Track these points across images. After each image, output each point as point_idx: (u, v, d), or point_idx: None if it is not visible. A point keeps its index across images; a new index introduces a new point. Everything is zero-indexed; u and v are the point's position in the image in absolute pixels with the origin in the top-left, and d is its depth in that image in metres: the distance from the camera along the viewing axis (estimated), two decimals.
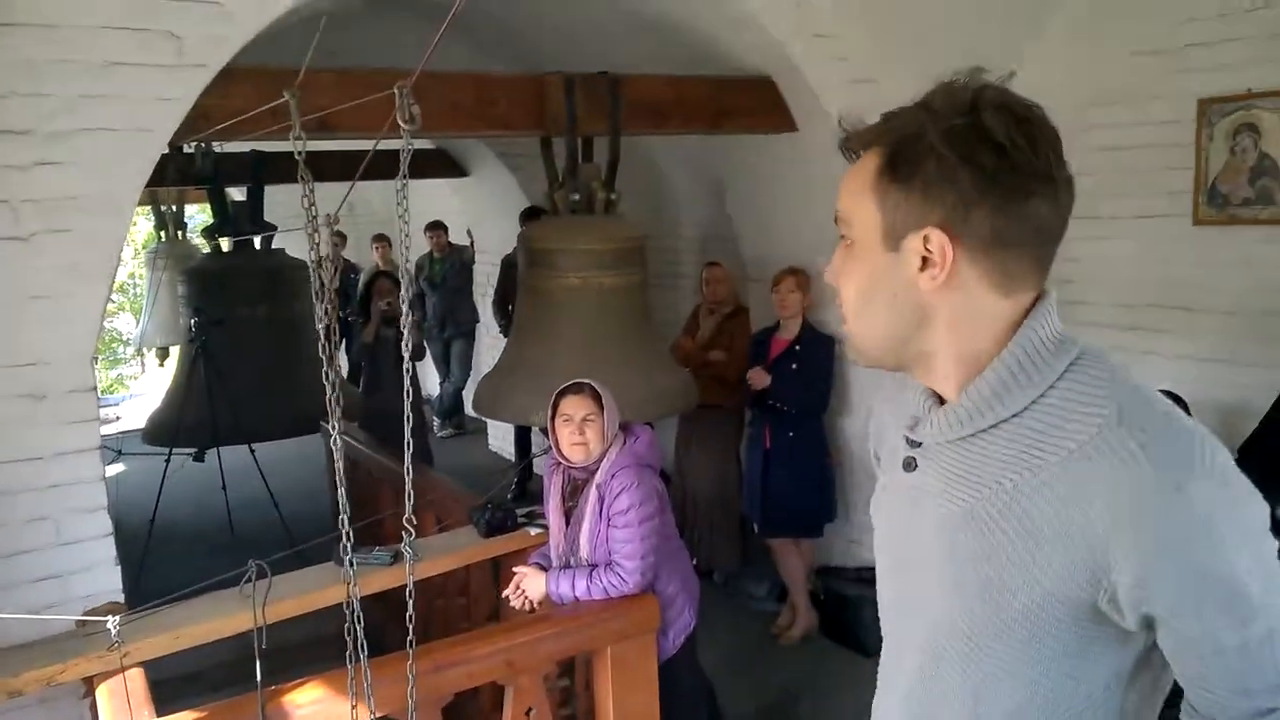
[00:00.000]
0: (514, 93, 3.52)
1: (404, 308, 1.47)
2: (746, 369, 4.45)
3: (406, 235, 1.40)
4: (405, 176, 1.26)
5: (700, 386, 4.74)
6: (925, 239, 0.97)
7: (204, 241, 6.15)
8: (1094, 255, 3.89)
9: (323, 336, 1.44)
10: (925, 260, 0.98)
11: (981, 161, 0.94)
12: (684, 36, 3.90)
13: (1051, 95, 3.91)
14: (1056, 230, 0.99)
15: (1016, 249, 0.98)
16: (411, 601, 1.51)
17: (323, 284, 1.41)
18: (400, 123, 1.19)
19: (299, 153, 1.37)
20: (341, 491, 1.44)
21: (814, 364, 4.36)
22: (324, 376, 1.43)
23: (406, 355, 1.51)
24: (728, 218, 4.99)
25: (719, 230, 5.37)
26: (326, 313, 1.42)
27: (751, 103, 4.00)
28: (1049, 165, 0.96)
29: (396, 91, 1.18)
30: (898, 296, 1.02)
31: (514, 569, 3.04)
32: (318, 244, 1.38)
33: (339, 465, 1.47)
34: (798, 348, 4.36)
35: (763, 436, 4.45)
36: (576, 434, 2.89)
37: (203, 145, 4.94)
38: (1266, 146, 3.31)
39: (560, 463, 3.00)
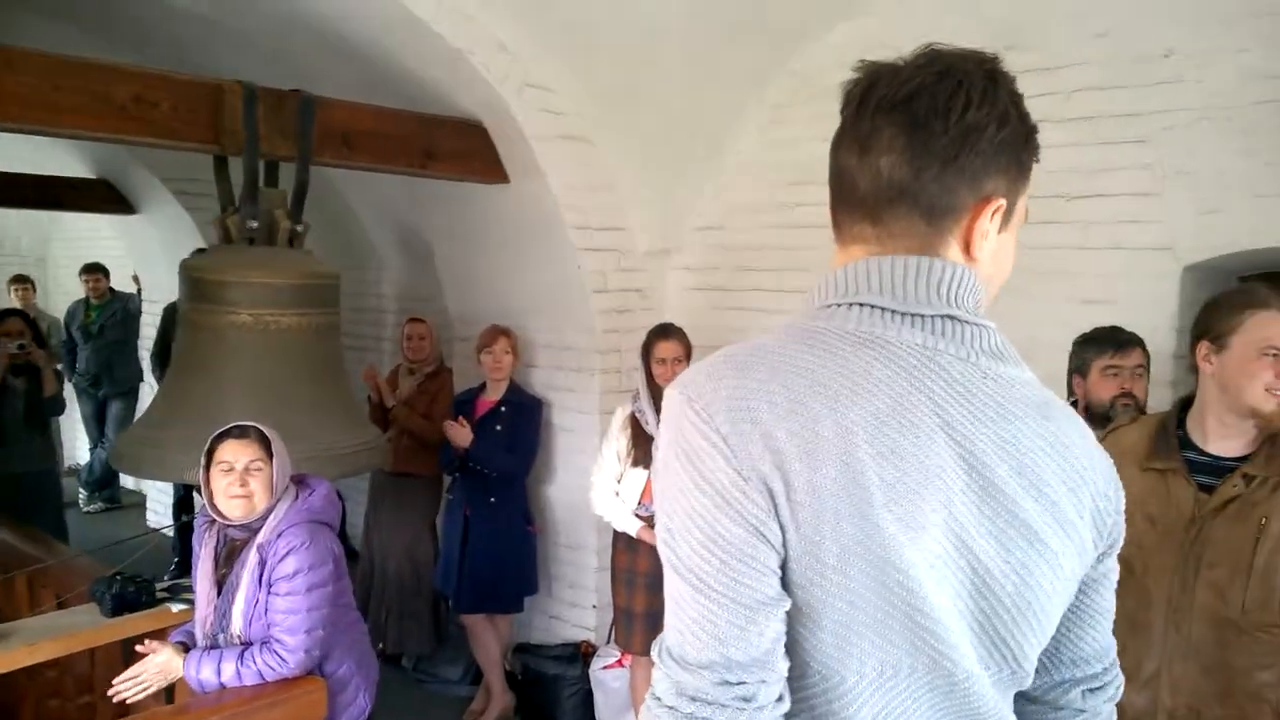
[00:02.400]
0: (182, 96, 3.04)
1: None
2: None
3: None
4: None
5: (396, 452, 4.39)
6: None
7: None
8: None
9: None
10: None
11: None
12: (392, 71, 3.63)
13: (756, 168, 3.99)
14: (854, 175, 0.95)
15: (833, 198, 1.00)
16: None
17: None
18: None
19: None
20: None
21: (520, 427, 4.15)
22: None
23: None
24: (433, 273, 4.70)
25: (423, 287, 5.07)
26: None
27: (461, 146, 3.79)
28: (850, 125, 0.96)
29: None
30: None
31: (138, 646, 2.48)
32: None
33: None
34: (503, 409, 4.13)
35: (463, 503, 4.13)
36: (238, 485, 2.46)
37: None
38: None
39: (214, 521, 2.52)
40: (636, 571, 3.66)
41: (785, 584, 0.89)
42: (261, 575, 2.44)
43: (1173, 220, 3.08)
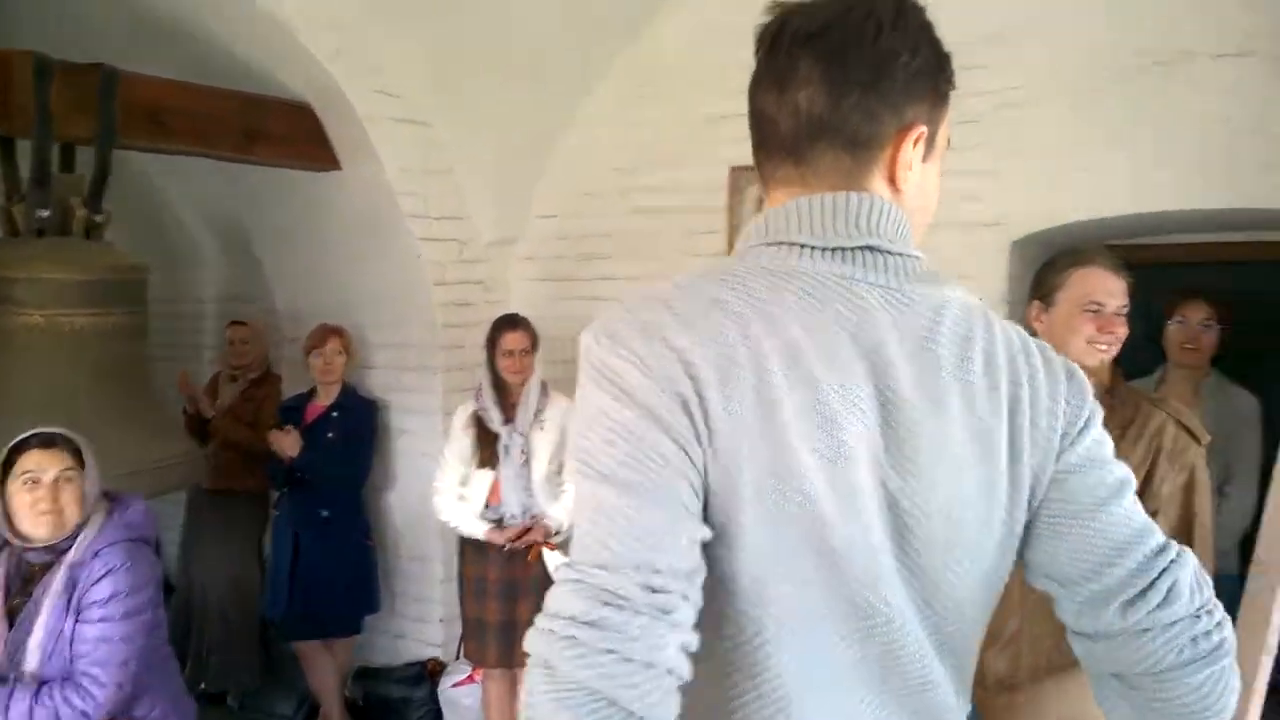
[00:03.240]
0: None
1: None
2: None
3: None
4: None
5: (217, 467, 4.04)
6: None
7: None
8: None
9: None
10: None
11: None
12: (214, 49, 3.31)
13: (597, 155, 3.95)
14: (773, 115, 0.94)
15: (754, 145, 1.00)
16: None
17: None
18: None
19: None
20: None
21: (354, 432, 3.89)
22: None
23: None
24: (259, 270, 4.36)
25: (248, 287, 4.71)
26: None
27: (287, 128, 3.51)
28: (765, 63, 0.96)
29: None
30: None
31: None
32: None
33: None
34: (335, 414, 3.85)
35: (291, 519, 3.82)
36: (47, 500, 2.15)
37: None
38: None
39: (9, 543, 2.20)
40: (487, 580, 3.47)
41: (704, 519, 0.86)
42: (70, 601, 2.14)
43: (1006, 197, 3.19)
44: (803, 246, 0.91)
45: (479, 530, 3.41)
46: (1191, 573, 0.94)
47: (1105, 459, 0.97)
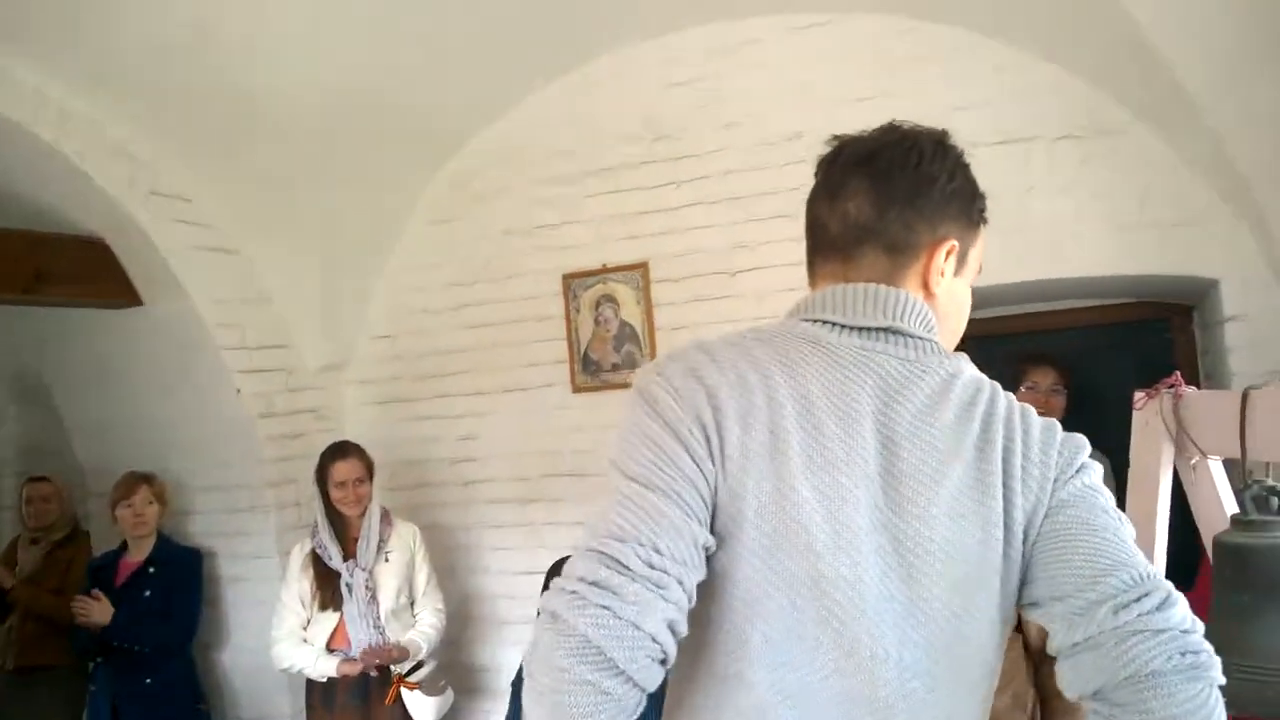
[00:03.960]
0: None
1: None
2: None
3: None
4: None
5: (20, 642, 3.65)
6: None
7: None
8: (487, 432, 3.81)
9: None
10: None
11: None
12: None
13: (427, 273, 3.84)
14: (825, 221, 1.11)
15: (809, 244, 1.15)
16: None
17: None
18: None
19: None
20: None
21: (175, 587, 3.54)
22: None
23: None
24: (56, 418, 3.99)
25: (49, 439, 4.30)
26: None
27: (79, 266, 3.26)
28: (822, 181, 1.13)
29: None
30: None
31: None
32: None
33: None
34: (151, 570, 3.51)
35: (110, 691, 3.41)
36: None
37: None
38: (625, 315, 3.58)
39: None
40: None
41: (711, 530, 0.98)
42: None
43: None
44: (833, 324, 1.05)
45: (329, 667, 3.12)
46: (1186, 605, 0.95)
47: (1101, 502, 1.03)
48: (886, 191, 1.07)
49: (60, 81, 2.86)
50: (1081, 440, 1.08)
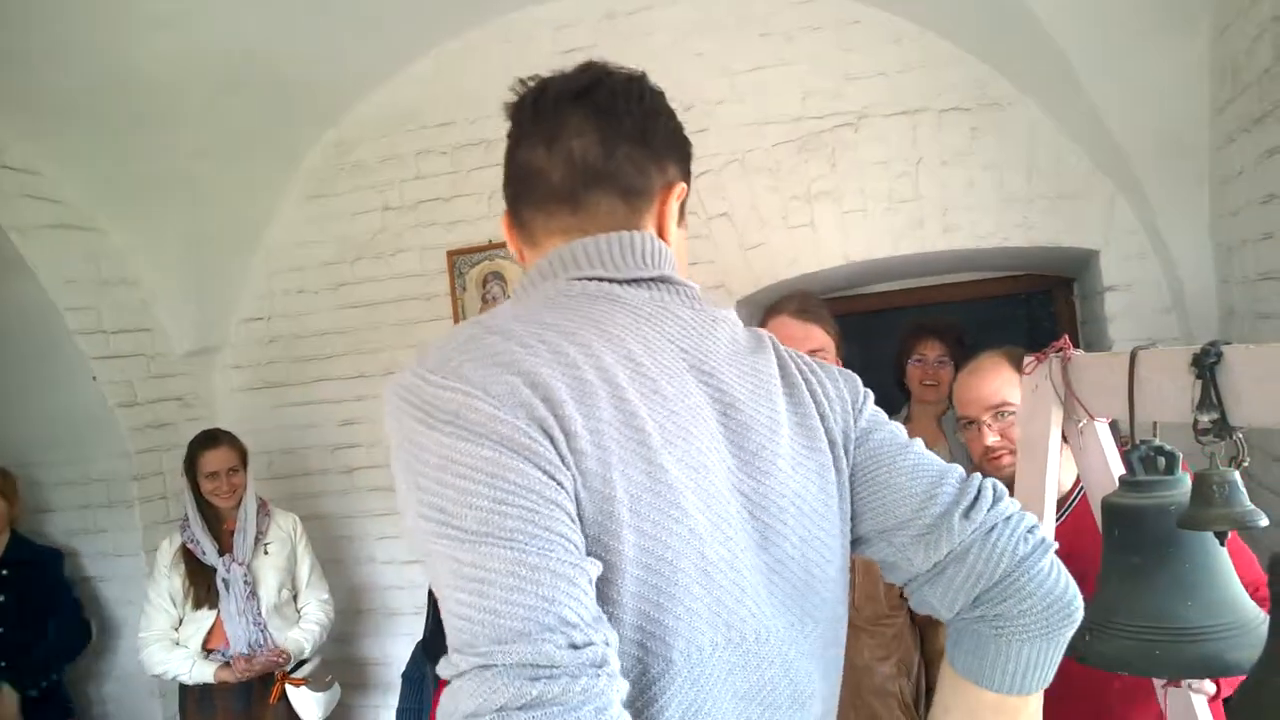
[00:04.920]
0: None
1: None
2: None
3: None
4: None
5: None
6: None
7: None
8: (370, 416, 3.64)
9: None
10: None
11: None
12: None
13: (303, 250, 3.66)
14: (543, 168, 0.95)
15: (515, 203, 0.98)
16: None
17: None
18: None
19: None
20: None
21: (37, 590, 3.28)
22: None
23: None
24: None
25: None
26: None
27: None
28: (530, 122, 0.96)
29: None
30: None
31: None
32: None
33: None
34: (5, 572, 3.24)
35: None
36: None
37: None
38: (511, 292, 3.46)
39: None
40: None
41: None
42: None
43: (721, 259, 3.23)
44: (607, 280, 0.91)
45: (206, 673, 2.94)
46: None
47: (889, 421, 1.03)
48: (614, 128, 0.93)
49: None
50: (849, 372, 1.06)
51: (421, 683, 2.82)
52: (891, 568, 0.99)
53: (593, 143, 0.93)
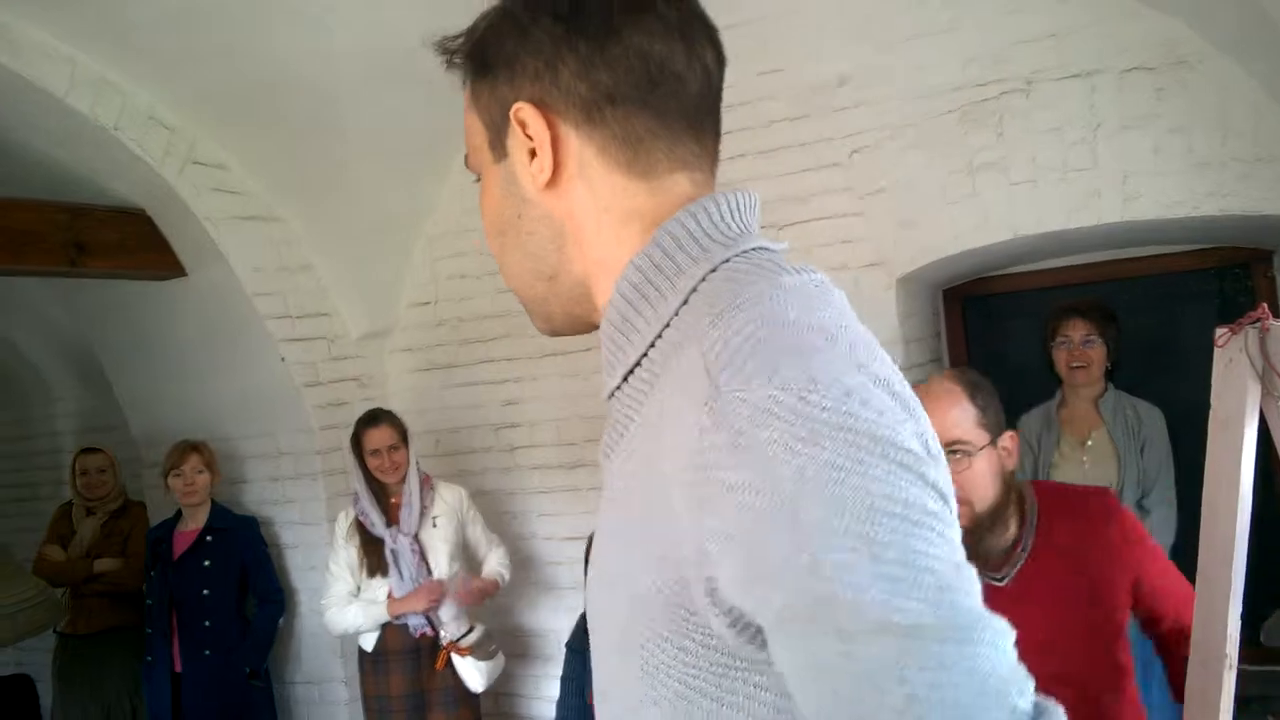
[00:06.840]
0: None
1: None
2: None
3: None
4: None
5: (86, 608, 3.75)
6: (520, 121, 0.72)
7: None
8: (531, 397, 3.74)
9: None
10: (532, 152, 0.72)
11: (556, 8, 0.71)
12: (29, 160, 3.05)
13: (464, 237, 3.74)
14: (681, 73, 0.71)
15: (627, 105, 0.70)
16: None
17: None
18: None
19: None
20: None
21: (239, 555, 3.56)
22: None
23: None
24: (110, 392, 4.03)
25: (107, 413, 4.37)
26: None
27: (120, 237, 3.26)
28: (662, 8, 0.70)
29: None
30: (522, 216, 0.74)
31: None
32: None
33: None
34: (209, 539, 3.52)
35: (169, 660, 3.46)
36: None
37: None
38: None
39: None
40: (389, 696, 3.17)
41: None
42: None
43: (878, 237, 3.13)
44: (771, 252, 0.70)
45: (381, 614, 3.14)
46: None
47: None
48: (718, 59, 0.74)
49: (92, 52, 2.84)
50: None
51: (584, 653, 2.88)
52: None
53: (714, 63, 0.73)
